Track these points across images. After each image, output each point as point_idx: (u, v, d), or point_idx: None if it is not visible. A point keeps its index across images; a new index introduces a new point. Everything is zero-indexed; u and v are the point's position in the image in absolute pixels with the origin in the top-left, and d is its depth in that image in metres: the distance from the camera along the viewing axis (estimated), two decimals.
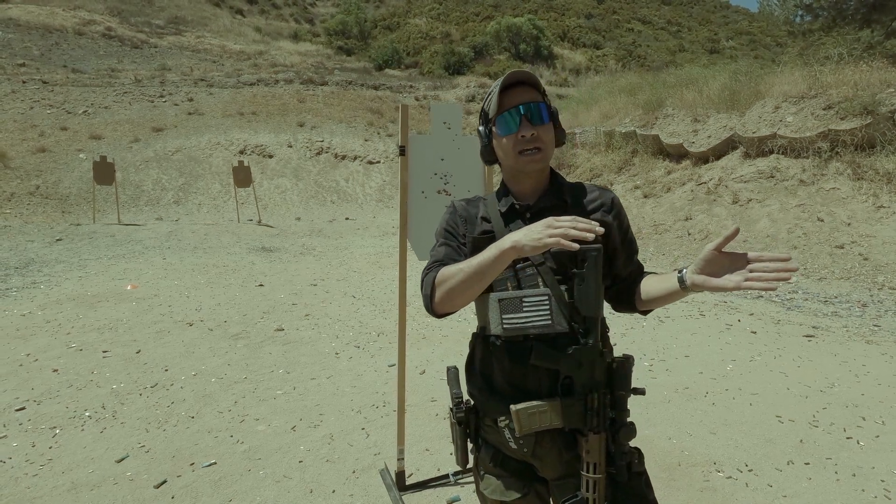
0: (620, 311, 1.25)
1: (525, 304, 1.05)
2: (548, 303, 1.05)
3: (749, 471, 2.53)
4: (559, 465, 1.11)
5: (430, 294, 1.09)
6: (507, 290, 1.08)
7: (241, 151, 15.69)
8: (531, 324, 1.05)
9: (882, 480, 2.44)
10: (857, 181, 7.07)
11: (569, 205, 1.16)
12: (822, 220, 6.87)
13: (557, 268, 1.08)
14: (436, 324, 4.80)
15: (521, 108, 1.10)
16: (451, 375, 1.25)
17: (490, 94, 1.15)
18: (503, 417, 1.11)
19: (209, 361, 3.96)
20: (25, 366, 3.81)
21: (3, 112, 15.20)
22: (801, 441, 2.79)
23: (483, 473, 1.19)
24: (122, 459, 2.64)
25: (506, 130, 1.12)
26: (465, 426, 1.19)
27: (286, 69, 23.18)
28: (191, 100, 18.25)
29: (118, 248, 8.41)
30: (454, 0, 39.19)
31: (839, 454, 2.66)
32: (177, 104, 17.84)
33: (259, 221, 11.94)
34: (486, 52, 29.93)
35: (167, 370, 3.78)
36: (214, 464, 2.61)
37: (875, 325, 4.68)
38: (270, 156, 15.91)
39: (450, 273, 1.05)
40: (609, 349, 1.14)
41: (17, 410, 3.14)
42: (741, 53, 32.98)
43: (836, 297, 5.46)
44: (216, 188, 14.17)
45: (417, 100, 21.56)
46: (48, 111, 15.78)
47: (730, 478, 2.48)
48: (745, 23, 44.21)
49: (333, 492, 2.39)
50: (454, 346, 4.29)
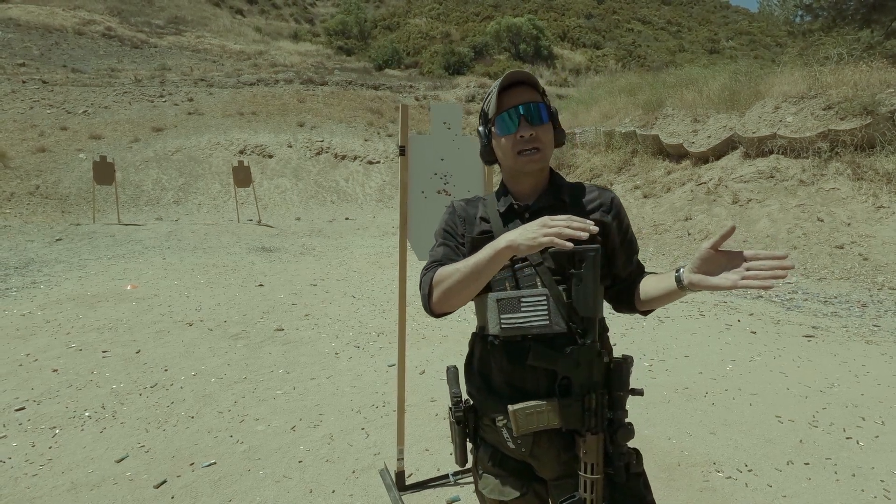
0: (621, 312, 1.25)
1: (523, 305, 1.05)
2: (546, 303, 1.05)
3: (749, 471, 2.53)
4: (557, 466, 1.11)
5: (428, 294, 1.10)
6: (506, 290, 1.09)
7: (241, 151, 15.70)
8: (529, 324, 1.05)
9: (882, 480, 2.44)
10: (857, 181, 7.07)
11: (567, 205, 1.15)
12: (822, 221, 6.88)
13: (556, 268, 1.08)
14: (435, 324, 4.80)
15: (521, 109, 1.10)
16: (451, 375, 1.26)
17: (489, 95, 1.15)
18: (501, 417, 1.11)
19: (209, 361, 3.96)
20: (25, 366, 3.81)
21: (3, 112, 15.20)
22: (801, 441, 2.80)
23: (482, 472, 1.20)
24: (122, 459, 2.64)
25: (505, 130, 1.12)
26: (464, 425, 1.19)
27: (286, 69, 23.18)
28: (191, 100, 18.25)
29: (118, 248, 8.42)
30: (454, 0, 39.19)
31: (839, 454, 2.66)
32: (177, 104, 17.84)
33: (259, 221, 11.94)
34: (486, 52, 29.92)
35: (167, 370, 3.79)
36: (214, 464, 2.61)
37: (875, 326, 4.68)
38: (270, 156, 15.92)
39: (447, 273, 1.05)
40: (608, 350, 1.14)
41: (17, 410, 3.14)
42: (741, 53, 32.97)
43: (836, 298, 5.46)
44: (216, 188, 14.17)
45: (417, 100, 21.57)
46: (48, 111, 15.78)
47: (729, 478, 2.48)
48: (745, 23, 44.21)
49: (333, 492, 2.39)
50: (454, 346, 4.29)
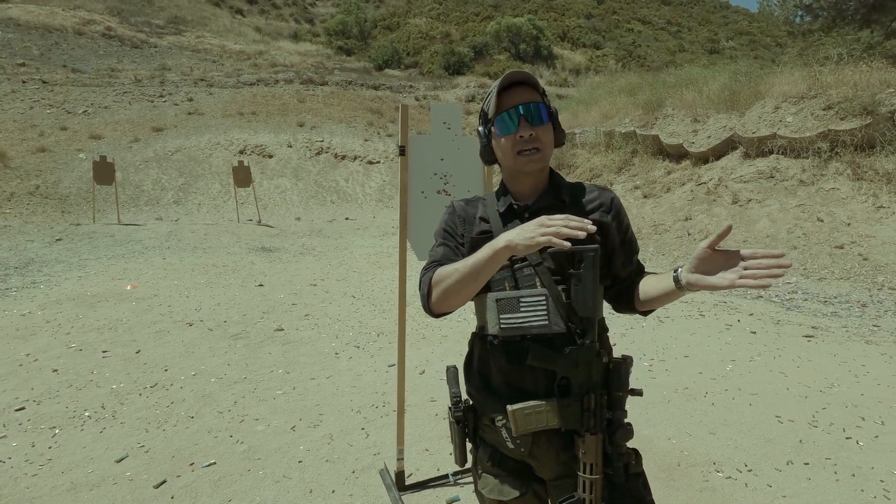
0: (621, 312, 1.25)
1: (522, 305, 1.05)
2: (545, 303, 1.05)
3: (748, 471, 2.53)
4: (556, 466, 1.11)
5: (427, 294, 1.10)
6: (505, 290, 1.09)
7: (241, 151, 15.70)
8: (528, 324, 1.05)
9: (881, 480, 2.44)
10: (857, 181, 7.08)
11: (567, 205, 1.15)
12: (822, 221, 6.88)
13: (555, 268, 1.08)
14: (435, 324, 4.80)
15: (521, 109, 1.10)
16: (451, 375, 1.26)
17: (489, 95, 1.15)
18: (500, 417, 1.11)
19: (209, 361, 3.96)
20: (25, 366, 3.81)
21: (3, 112, 15.20)
22: (801, 441, 2.80)
23: (481, 472, 1.20)
24: (122, 459, 2.64)
25: (504, 131, 1.12)
26: (464, 425, 1.19)
27: (286, 69, 23.18)
28: (191, 100, 18.25)
29: (118, 248, 8.42)
30: (454, 0, 39.19)
31: (838, 454, 2.66)
32: (177, 104, 17.84)
33: (259, 221, 11.94)
34: (486, 52, 29.92)
35: (167, 370, 3.79)
36: (214, 464, 2.61)
37: (875, 326, 4.68)
38: (270, 156, 15.92)
39: (445, 273, 1.05)
40: (608, 350, 1.14)
41: (17, 410, 3.14)
42: (741, 54, 32.97)
43: (836, 298, 5.46)
44: (216, 188, 14.17)
45: (417, 100, 21.57)
46: (48, 111, 15.78)
47: (729, 478, 2.48)
48: (745, 23, 44.21)
49: (333, 492, 2.39)
50: (454, 346, 4.29)
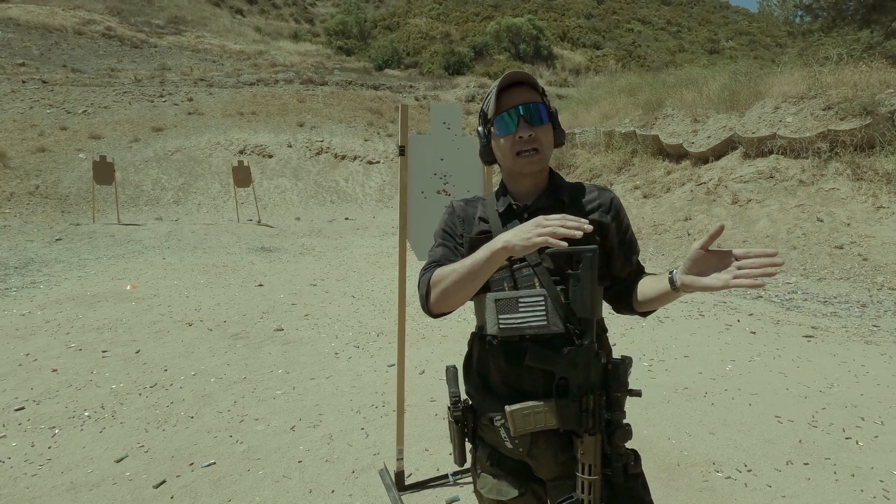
0: (621, 313, 1.24)
1: (521, 305, 1.05)
2: (543, 303, 1.05)
3: (748, 471, 2.53)
4: (555, 466, 1.11)
5: (426, 294, 1.10)
6: (504, 291, 1.09)
7: (241, 151, 15.70)
8: (527, 324, 1.05)
9: (881, 480, 2.44)
10: (857, 181, 7.08)
11: (566, 205, 1.15)
12: (822, 221, 6.88)
13: (554, 268, 1.08)
14: (435, 324, 4.80)
15: (520, 109, 1.10)
16: (450, 375, 1.26)
17: (489, 95, 1.15)
18: (499, 417, 1.11)
19: (208, 361, 3.96)
20: (25, 366, 3.81)
21: (3, 112, 15.20)
22: (800, 441, 2.80)
23: (480, 472, 1.20)
24: (122, 459, 2.64)
25: (504, 131, 1.12)
26: (463, 425, 1.19)
27: (286, 69, 23.18)
28: (190, 100, 18.25)
29: (118, 248, 8.41)
30: (454, 0, 39.18)
31: (838, 454, 2.66)
32: (176, 104, 17.84)
33: (259, 221, 11.94)
34: (486, 53, 29.92)
35: (166, 370, 3.79)
36: (214, 464, 2.61)
37: (874, 326, 4.68)
38: (270, 156, 15.92)
39: (444, 274, 1.05)
40: (607, 350, 1.14)
41: (17, 410, 3.14)
42: (741, 54, 32.97)
43: (836, 298, 5.46)
44: (216, 188, 14.17)
45: (417, 100, 21.57)
46: (48, 111, 15.78)
47: (729, 478, 2.48)
48: (745, 23, 44.22)
49: (333, 492, 2.39)
50: (453, 346, 4.29)
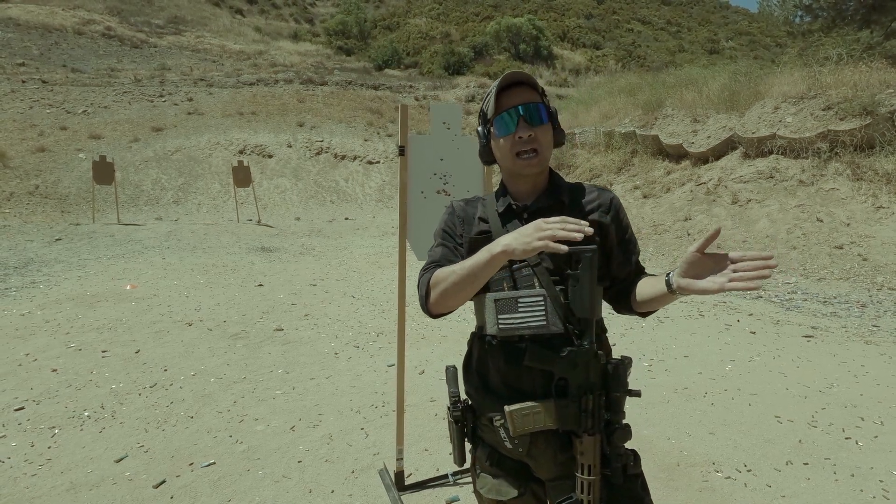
0: (621, 313, 1.24)
1: (520, 305, 1.05)
2: (543, 303, 1.05)
3: (748, 471, 2.53)
4: (554, 466, 1.11)
5: (426, 295, 1.10)
6: (504, 291, 1.09)
7: (241, 151, 15.69)
8: (526, 324, 1.05)
9: (880, 481, 2.44)
10: (857, 182, 7.08)
11: (566, 205, 1.15)
12: (822, 221, 6.88)
13: (554, 268, 1.08)
14: (435, 324, 4.80)
15: (520, 109, 1.10)
16: (450, 374, 1.26)
17: (488, 95, 1.15)
18: (498, 416, 1.11)
19: (208, 361, 3.96)
20: (24, 365, 3.81)
21: (3, 112, 15.19)
22: (800, 441, 2.80)
23: (479, 472, 1.20)
24: (121, 459, 2.64)
25: (503, 131, 1.12)
26: (462, 425, 1.19)
27: (286, 69, 23.18)
28: (190, 100, 18.25)
29: (117, 248, 8.41)
30: (454, 0, 39.18)
31: (838, 454, 2.66)
32: (176, 104, 17.84)
33: (258, 221, 11.94)
34: (486, 53, 29.92)
35: (166, 370, 3.78)
36: (213, 464, 2.61)
37: (874, 326, 4.68)
38: (270, 156, 15.92)
39: (444, 275, 1.05)
40: (607, 350, 1.14)
41: (16, 410, 3.14)
42: (741, 54, 32.98)
43: (836, 298, 5.46)
44: (216, 188, 14.17)
45: (417, 100, 21.57)
46: (48, 111, 15.77)
47: (728, 478, 2.48)
48: (745, 23, 44.24)
49: (332, 492, 2.39)
50: (453, 346, 4.29)
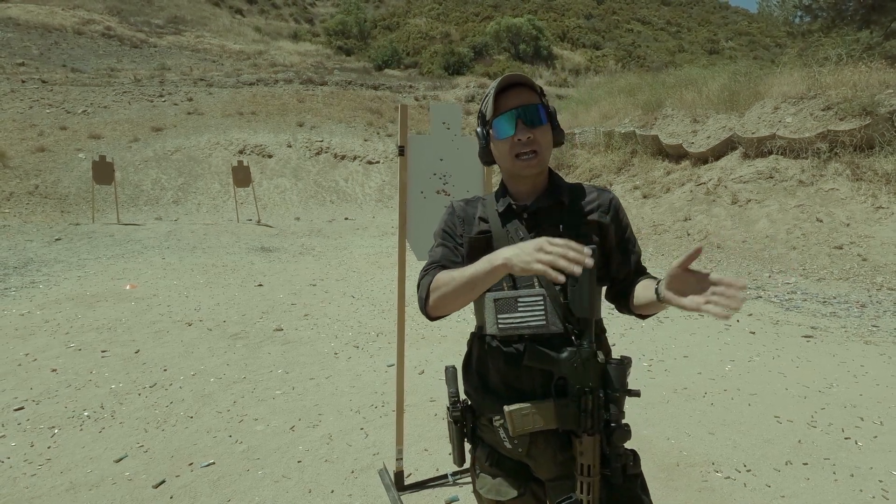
0: (622, 313, 1.24)
1: (520, 304, 1.05)
2: (542, 303, 1.05)
3: (747, 471, 2.53)
4: (553, 466, 1.11)
5: (425, 298, 1.11)
6: (503, 290, 1.09)
7: (241, 151, 15.69)
8: (526, 324, 1.05)
9: (880, 481, 2.44)
10: (856, 182, 7.08)
11: (566, 205, 1.15)
12: (821, 221, 6.88)
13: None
14: (435, 324, 4.80)
15: (518, 112, 1.10)
16: (449, 374, 1.26)
17: (486, 97, 1.15)
18: (498, 416, 1.11)
19: (208, 361, 3.96)
20: (24, 365, 3.81)
21: (3, 111, 15.19)
22: (800, 441, 2.80)
23: (479, 472, 1.20)
24: (121, 459, 2.64)
25: (502, 133, 1.12)
26: (462, 425, 1.20)
27: (286, 69, 23.18)
28: (190, 99, 18.24)
29: (117, 248, 8.41)
30: (454, 0, 39.19)
31: (837, 454, 2.66)
32: (176, 104, 17.83)
33: (258, 221, 11.94)
34: (486, 53, 29.92)
35: (166, 370, 3.78)
36: (213, 464, 2.61)
37: (874, 326, 4.68)
38: (270, 156, 15.91)
39: (443, 281, 1.06)
40: (606, 350, 1.14)
41: (16, 410, 3.14)
42: (740, 54, 33.00)
43: (835, 298, 5.47)
44: (215, 188, 14.16)
45: (417, 100, 21.56)
46: (47, 111, 15.77)
47: (728, 478, 2.48)
48: (745, 23, 44.27)
49: (332, 492, 2.39)
50: (453, 346, 4.29)
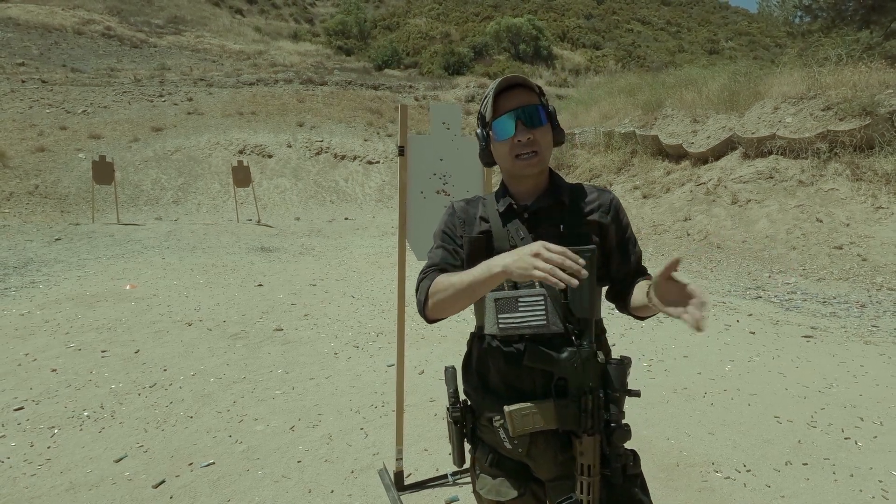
0: (623, 313, 1.24)
1: (521, 304, 1.05)
2: (543, 303, 1.05)
3: (747, 471, 2.53)
4: (554, 467, 1.11)
5: (424, 301, 1.12)
6: (504, 290, 1.09)
7: (241, 151, 15.69)
8: (526, 324, 1.05)
9: (880, 481, 2.44)
10: (856, 182, 7.08)
11: (566, 205, 1.15)
12: (821, 221, 6.88)
13: None
14: (434, 324, 4.79)
15: (518, 112, 1.10)
16: (449, 375, 1.26)
17: (486, 98, 1.15)
18: (498, 417, 1.11)
19: (208, 361, 3.96)
20: (24, 365, 3.81)
21: (3, 111, 15.18)
22: (799, 441, 2.80)
23: (479, 473, 1.20)
24: (121, 459, 2.64)
25: (502, 135, 1.12)
26: (462, 425, 1.20)
27: (286, 69, 23.18)
28: (190, 99, 18.24)
29: (117, 248, 8.41)
30: (454, 0, 39.19)
31: (837, 455, 2.66)
32: (176, 104, 17.83)
33: (258, 221, 11.94)
34: (486, 53, 29.92)
35: (166, 370, 3.78)
36: (213, 464, 2.61)
37: (873, 326, 4.68)
38: (270, 156, 15.91)
39: (443, 286, 1.06)
40: (606, 350, 1.14)
41: (16, 410, 3.14)
42: (740, 54, 33.00)
43: (835, 298, 5.47)
44: (215, 188, 14.16)
45: (417, 100, 21.56)
46: (47, 110, 15.76)
47: (728, 478, 2.48)
48: (745, 23, 44.28)
49: (332, 492, 2.39)
50: (453, 346, 4.29)
